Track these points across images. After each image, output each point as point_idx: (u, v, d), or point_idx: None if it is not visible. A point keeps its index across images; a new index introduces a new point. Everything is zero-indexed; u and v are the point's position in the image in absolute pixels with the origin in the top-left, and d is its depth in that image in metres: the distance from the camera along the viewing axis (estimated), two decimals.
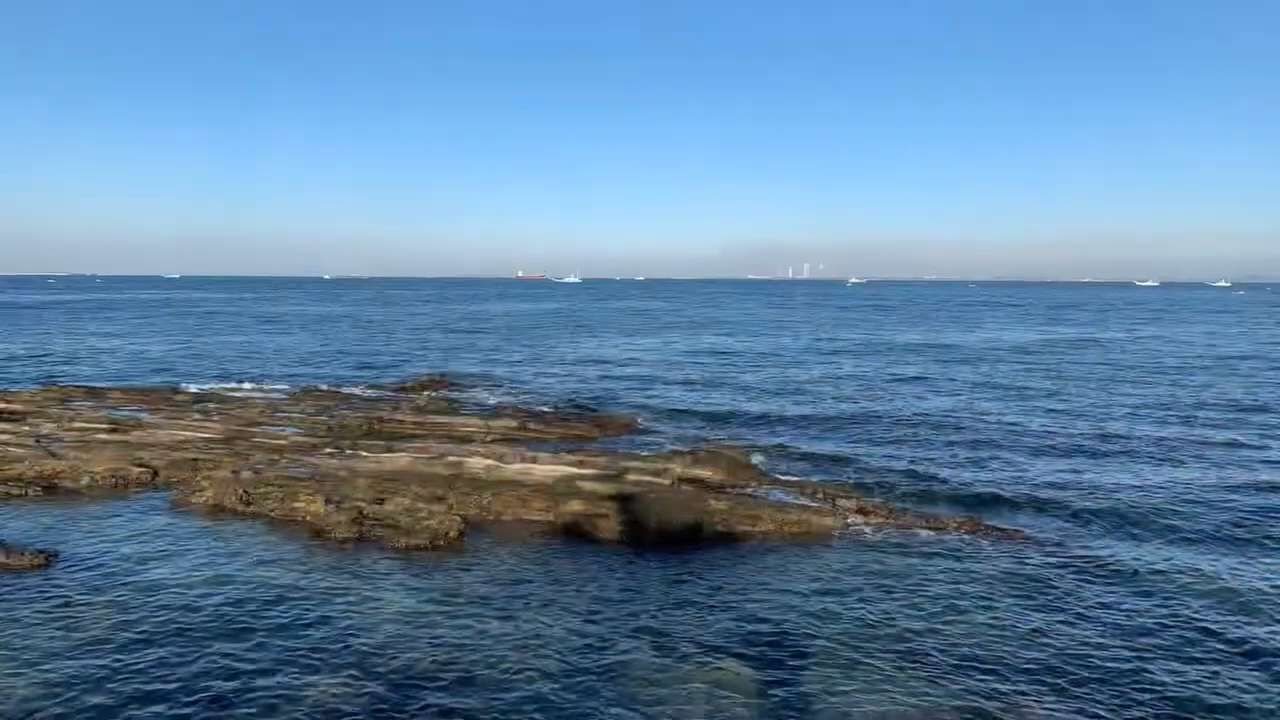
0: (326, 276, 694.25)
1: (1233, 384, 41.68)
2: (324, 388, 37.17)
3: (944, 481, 22.20)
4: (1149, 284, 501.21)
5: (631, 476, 20.15)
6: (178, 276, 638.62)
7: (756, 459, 23.82)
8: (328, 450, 23.43)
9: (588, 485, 19.41)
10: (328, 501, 18.60)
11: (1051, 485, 21.85)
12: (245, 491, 19.57)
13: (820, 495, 20.09)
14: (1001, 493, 21.00)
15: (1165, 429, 29.83)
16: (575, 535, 17.45)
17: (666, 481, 19.94)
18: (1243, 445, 27.11)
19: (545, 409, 32.28)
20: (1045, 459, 25.14)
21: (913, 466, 23.77)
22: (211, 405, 31.29)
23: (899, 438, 28.18)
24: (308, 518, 18.20)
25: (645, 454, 23.17)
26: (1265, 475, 23.04)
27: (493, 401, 34.40)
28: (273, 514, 18.68)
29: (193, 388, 36.67)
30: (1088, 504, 19.93)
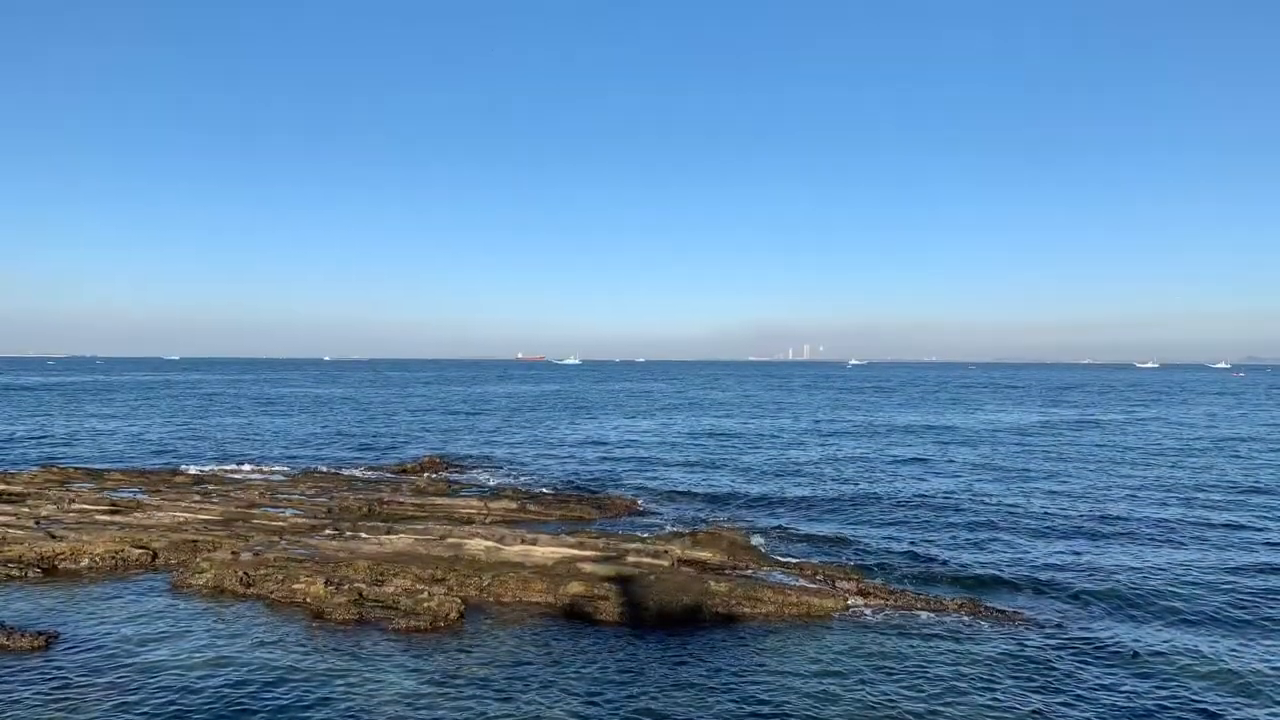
0: (326, 358, 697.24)
1: (1232, 466, 41.78)
2: (324, 469, 37.28)
3: (944, 563, 22.21)
4: (1149, 365, 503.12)
5: (631, 558, 20.20)
6: (178, 358, 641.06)
7: (756, 540, 23.84)
8: (328, 532, 23.48)
9: (587, 567, 19.45)
10: (328, 583, 18.61)
11: (1051, 567, 21.86)
12: (245, 573, 19.59)
13: (820, 577, 20.10)
14: (1001, 574, 21.01)
15: (1165, 510, 29.87)
16: (575, 617, 17.43)
17: (666, 563, 19.98)
18: (1242, 527, 27.14)
19: (545, 491, 32.35)
20: (1045, 540, 25.16)
21: (912, 548, 23.79)
22: (211, 487, 31.37)
23: (899, 519, 28.23)
24: (308, 599, 18.19)
25: (645, 536, 23.21)
26: (1265, 557, 23.06)
27: (492, 483, 34.47)
28: (273, 595, 18.66)
29: (193, 469, 36.75)
30: (1087, 585, 19.93)
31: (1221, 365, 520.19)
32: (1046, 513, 29.23)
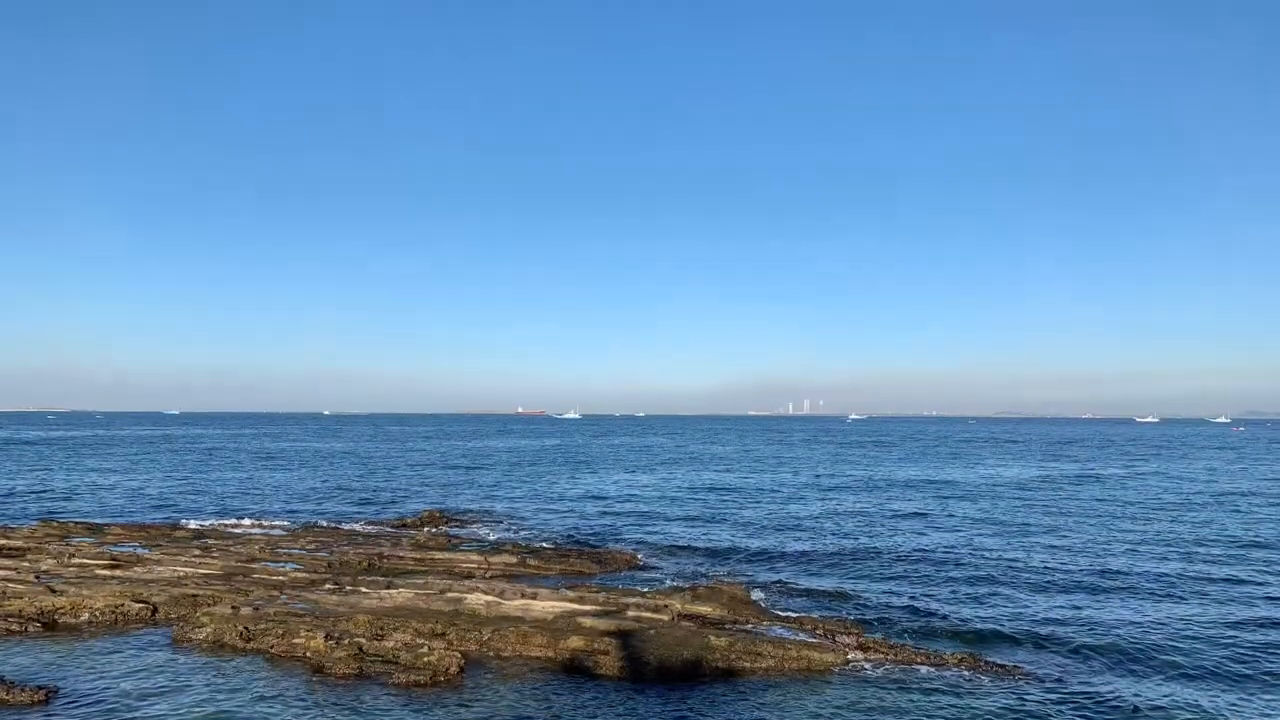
0: (326, 412, 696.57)
1: (1232, 520, 41.76)
2: (324, 524, 37.27)
3: (944, 617, 22.20)
4: (1149, 420, 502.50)
5: (631, 613, 20.22)
6: (178, 413, 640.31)
7: (756, 595, 23.84)
8: (328, 586, 23.50)
9: (587, 621, 19.48)
10: (328, 637, 18.62)
11: (1051, 621, 21.85)
12: (245, 627, 19.59)
13: (820, 631, 20.10)
14: (1001, 628, 21.01)
15: (1164, 565, 29.85)
16: (576, 671, 17.43)
17: (666, 618, 20.00)
18: (1242, 581, 27.13)
19: (545, 545, 32.36)
20: (1045, 595, 25.15)
21: (912, 602, 23.79)
22: (211, 541, 31.37)
23: (899, 573, 28.21)
24: (308, 653, 18.18)
25: (645, 590, 23.24)
26: (1265, 611, 23.06)
27: (493, 537, 34.46)
28: (273, 650, 18.66)
29: (193, 524, 36.77)
30: (1088, 640, 19.93)
31: (1221, 420, 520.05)
32: (1046, 567, 29.22)
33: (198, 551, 28.88)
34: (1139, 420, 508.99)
